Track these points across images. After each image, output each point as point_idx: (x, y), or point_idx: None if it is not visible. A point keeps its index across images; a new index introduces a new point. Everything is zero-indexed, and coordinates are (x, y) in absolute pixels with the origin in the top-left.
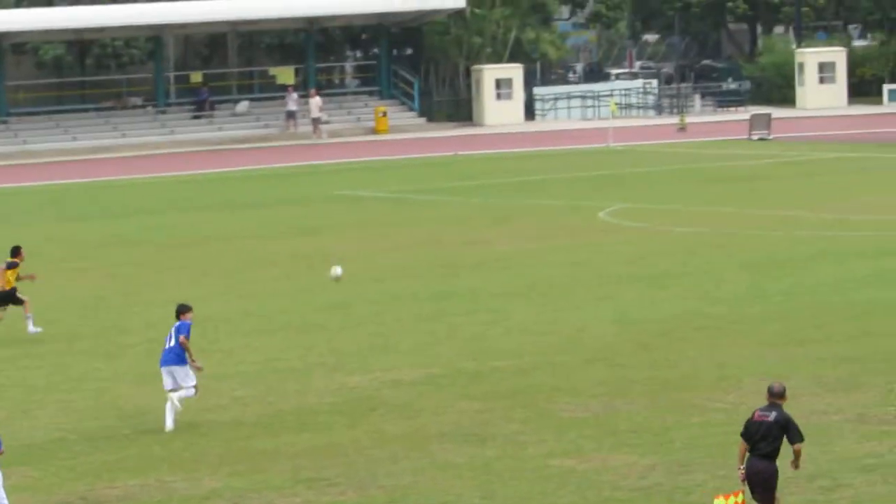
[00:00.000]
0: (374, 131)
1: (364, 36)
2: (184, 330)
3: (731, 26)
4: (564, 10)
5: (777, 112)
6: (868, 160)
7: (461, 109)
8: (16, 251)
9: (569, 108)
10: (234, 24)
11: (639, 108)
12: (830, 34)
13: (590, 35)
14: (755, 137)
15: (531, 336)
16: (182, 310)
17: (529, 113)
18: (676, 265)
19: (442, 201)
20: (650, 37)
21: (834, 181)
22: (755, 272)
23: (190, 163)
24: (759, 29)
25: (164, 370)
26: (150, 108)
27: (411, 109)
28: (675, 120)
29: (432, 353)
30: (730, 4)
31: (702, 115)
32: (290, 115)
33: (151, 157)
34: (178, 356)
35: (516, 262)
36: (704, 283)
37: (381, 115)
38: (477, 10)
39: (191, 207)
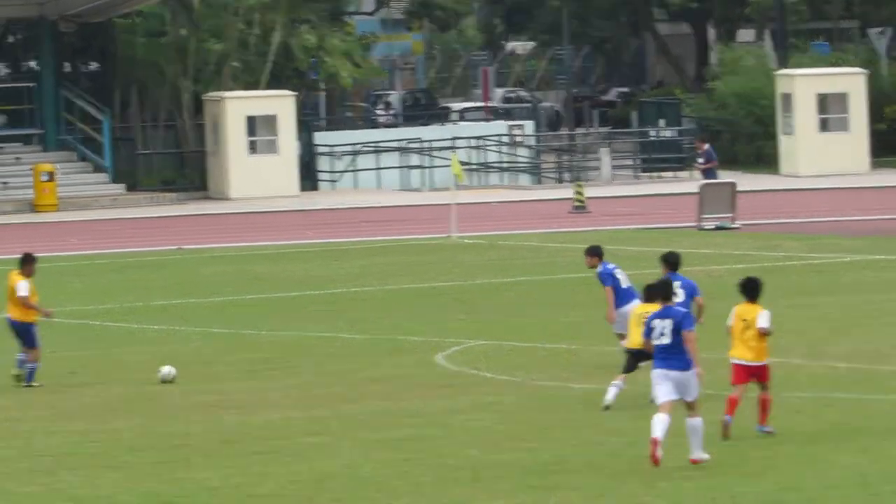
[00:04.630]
0: (34, 207)
1: (11, 38)
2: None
3: (663, 28)
4: None
5: (746, 180)
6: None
7: (188, 170)
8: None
9: (377, 168)
10: None
11: (503, 170)
12: (837, 44)
13: (413, 42)
14: (709, 225)
15: None
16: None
17: (308, 177)
18: (577, 450)
19: (156, 331)
20: (520, 46)
21: (848, 305)
22: (716, 468)
23: None
24: (713, 33)
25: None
26: None
27: (99, 169)
28: (566, 192)
29: None
30: None
31: (614, 184)
32: None
33: None
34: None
35: (290, 441)
36: (628, 485)
37: (43, 178)
38: None
39: None
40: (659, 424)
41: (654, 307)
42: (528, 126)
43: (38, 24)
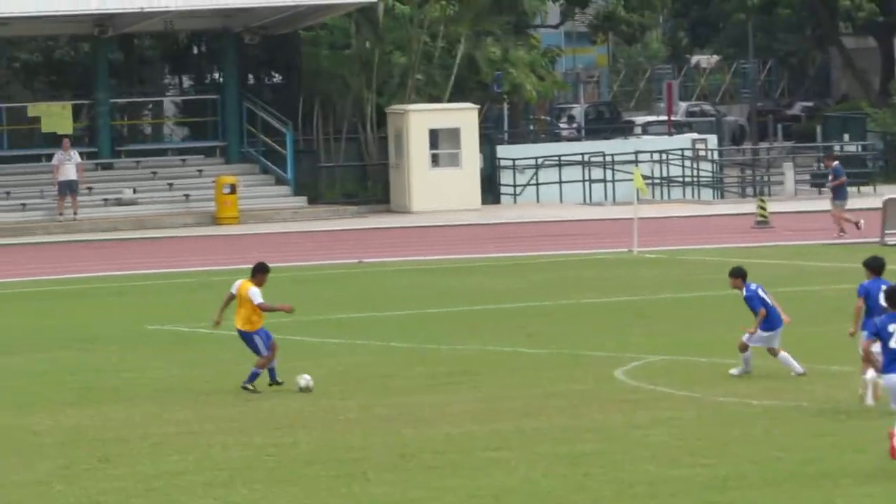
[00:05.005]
0: (216, 220)
1: (196, 50)
2: None
3: (849, 41)
4: (553, 11)
5: None
6: None
7: (371, 183)
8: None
9: (560, 182)
10: None
11: (686, 184)
12: None
13: (598, 55)
14: (893, 241)
15: None
16: None
17: (491, 191)
18: (756, 466)
19: (336, 346)
20: (705, 59)
21: None
22: (886, 486)
23: None
24: None
25: None
26: None
27: (281, 181)
28: (749, 207)
29: None
30: (845, 3)
31: (797, 199)
32: (68, 188)
33: None
34: None
35: (469, 456)
36: (806, 498)
37: (225, 190)
38: (400, 5)
39: None
40: None
41: None
42: (712, 140)
43: (222, 36)
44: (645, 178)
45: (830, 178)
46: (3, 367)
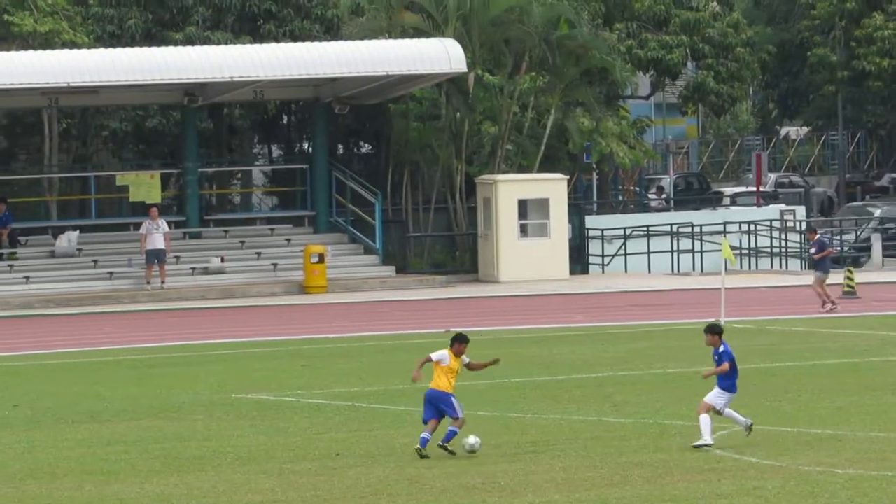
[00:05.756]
0: (304, 289)
1: (285, 120)
2: None
3: None
4: (644, 83)
5: None
6: None
7: (459, 253)
8: None
9: (648, 252)
10: (52, 94)
11: (774, 255)
12: None
13: (687, 126)
14: None
15: None
16: None
17: (579, 261)
18: None
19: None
20: (793, 130)
21: None
22: None
23: None
24: None
25: None
26: None
27: (369, 251)
28: (837, 278)
29: None
30: None
31: (886, 270)
32: (155, 257)
33: None
34: None
35: None
36: None
37: (314, 259)
38: (489, 78)
39: None
40: None
41: None
42: (800, 211)
43: (312, 106)
44: (733, 248)
45: (813, 250)
46: (91, 435)
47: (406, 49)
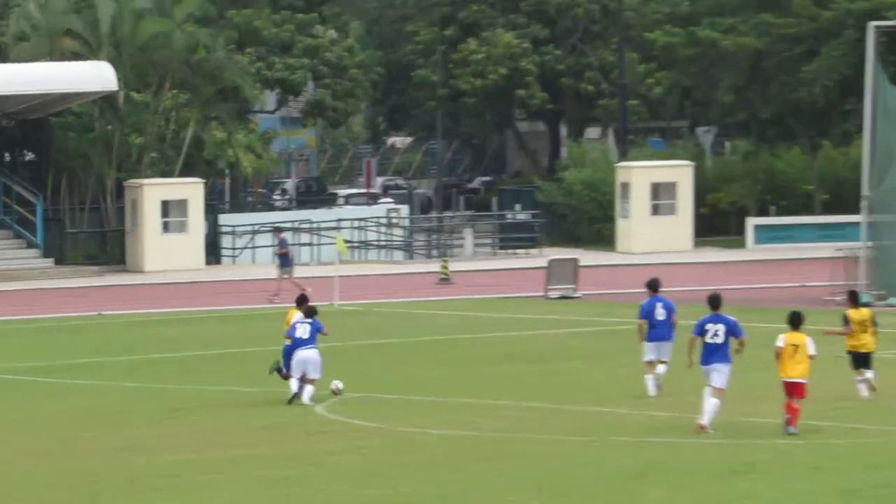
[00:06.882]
0: None
1: None
2: None
3: (522, 126)
4: (269, 99)
5: (588, 257)
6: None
7: (110, 247)
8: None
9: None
10: None
11: (380, 247)
12: (670, 141)
13: (308, 137)
14: (554, 295)
15: None
16: None
17: (213, 254)
18: (433, 485)
19: (77, 386)
20: (399, 140)
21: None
22: (551, 497)
23: None
24: (564, 131)
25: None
26: None
27: (31, 246)
28: (434, 266)
29: None
30: (520, 93)
31: (475, 260)
32: None
33: None
34: None
35: (186, 480)
36: None
37: None
38: (136, 95)
39: None
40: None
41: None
42: (404, 209)
43: None
44: (346, 241)
45: (278, 248)
46: None
47: (64, 71)
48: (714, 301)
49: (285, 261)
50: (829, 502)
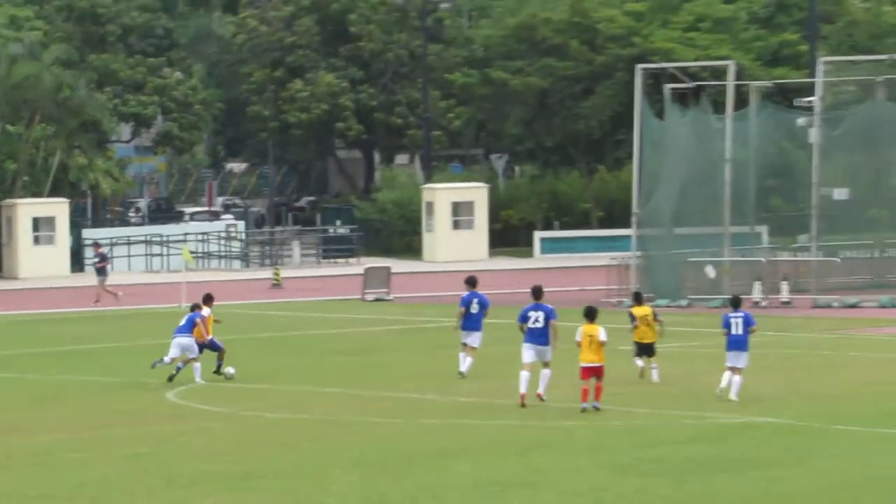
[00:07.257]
0: None
1: None
2: None
3: (342, 153)
4: (125, 130)
5: (399, 265)
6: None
7: None
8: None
9: (129, 256)
10: None
11: (221, 257)
12: (468, 166)
13: (158, 163)
14: (370, 298)
15: None
16: None
17: (77, 263)
18: (268, 461)
19: None
20: (236, 166)
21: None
22: (370, 471)
23: None
24: (378, 157)
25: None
26: None
27: None
28: (267, 274)
29: None
30: (339, 125)
31: (302, 267)
32: None
33: None
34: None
35: (57, 457)
36: (305, 486)
37: None
38: (11, 128)
39: None
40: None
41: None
42: (241, 225)
43: None
44: (192, 252)
45: (97, 260)
46: None
47: None
48: (536, 292)
49: (102, 271)
50: (606, 475)
